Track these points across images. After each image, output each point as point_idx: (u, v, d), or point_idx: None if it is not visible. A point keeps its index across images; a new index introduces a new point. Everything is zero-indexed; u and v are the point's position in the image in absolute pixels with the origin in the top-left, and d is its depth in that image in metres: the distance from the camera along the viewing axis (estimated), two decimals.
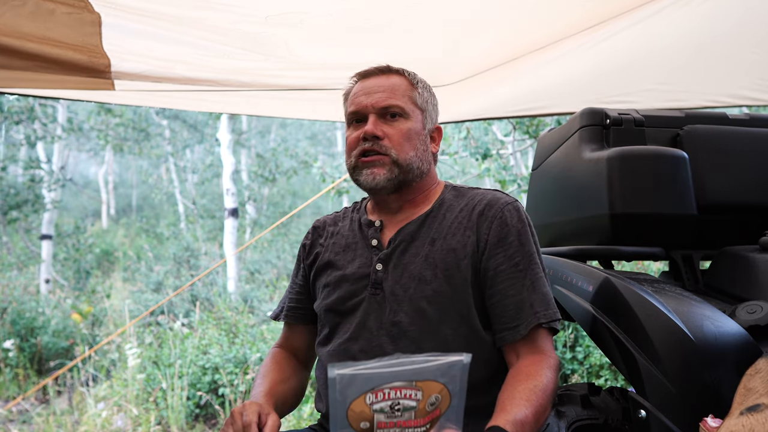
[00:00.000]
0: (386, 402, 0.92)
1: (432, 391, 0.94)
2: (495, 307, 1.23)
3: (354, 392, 0.91)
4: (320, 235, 1.42)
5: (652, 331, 1.19)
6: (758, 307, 1.21)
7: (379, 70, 1.34)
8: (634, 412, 1.22)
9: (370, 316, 1.25)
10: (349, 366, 0.92)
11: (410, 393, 0.93)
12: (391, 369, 0.92)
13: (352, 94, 1.33)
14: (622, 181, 1.41)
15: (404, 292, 1.24)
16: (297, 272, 1.45)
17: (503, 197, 1.30)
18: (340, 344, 1.27)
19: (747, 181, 1.50)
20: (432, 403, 0.95)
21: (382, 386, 0.92)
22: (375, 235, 1.32)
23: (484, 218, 1.26)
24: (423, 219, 1.31)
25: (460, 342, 1.21)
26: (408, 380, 0.93)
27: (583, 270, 1.45)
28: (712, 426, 1.01)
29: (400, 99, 1.30)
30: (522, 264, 1.23)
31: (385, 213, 1.36)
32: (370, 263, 1.29)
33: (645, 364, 1.19)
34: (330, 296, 1.31)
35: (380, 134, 1.27)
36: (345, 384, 0.91)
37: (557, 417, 1.40)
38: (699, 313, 1.19)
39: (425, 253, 1.26)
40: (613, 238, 1.44)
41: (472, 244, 1.25)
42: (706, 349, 1.14)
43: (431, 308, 1.22)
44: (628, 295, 1.27)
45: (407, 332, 1.22)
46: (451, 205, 1.32)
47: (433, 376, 0.94)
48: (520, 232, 1.26)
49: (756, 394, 1.00)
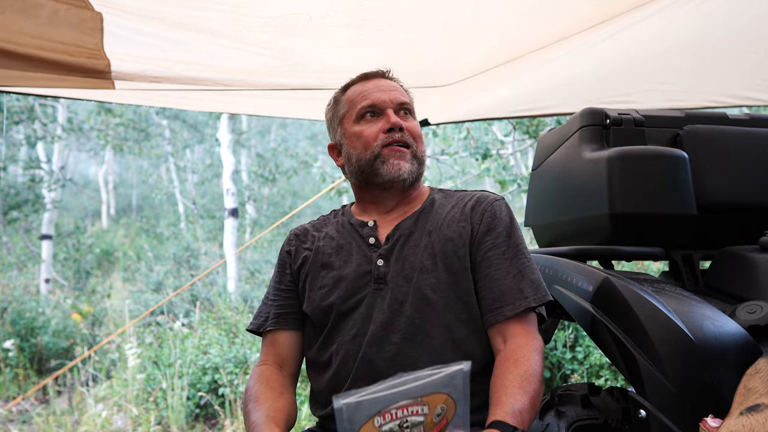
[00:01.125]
0: (395, 422, 0.94)
1: (437, 402, 0.95)
2: (481, 290, 1.26)
3: (361, 418, 0.92)
4: (303, 241, 1.41)
5: (652, 331, 1.19)
6: (758, 307, 1.21)
7: (381, 73, 1.41)
8: (634, 412, 1.22)
9: (374, 310, 1.26)
10: (353, 394, 0.93)
11: (417, 409, 0.94)
12: (395, 390, 0.94)
13: (364, 91, 1.37)
14: (622, 181, 1.41)
15: (407, 282, 1.25)
16: (280, 279, 1.41)
17: (491, 194, 1.37)
18: (347, 341, 1.26)
19: (747, 181, 1.50)
20: (438, 414, 0.96)
21: (388, 408, 0.93)
22: (371, 234, 1.34)
23: (475, 211, 1.32)
24: (418, 215, 1.34)
25: (463, 328, 1.23)
26: (413, 397, 0.94)
27: (583, 270, 1.45)
28: (712, 426, 1.01)
29: (408, 97, 1.39)
30: (508, 253, 1.27)
31: (377, 213, 1.38)
32: (370, 260, 1.30)
33: (645, 364, 1.19)
34: (328, 296, 1.30)
35: (404, 126, 1.33)
36: (352, 412, 0.92)
37: (557, 417, 1.40)
38: (699, 313, 1.19)
39: (424, 244, 1.29)
40: (613, 238, 1.44)
41: (467, 233, 1.29)
42: (706, 349, 1.13)
43: (435, 296, 1.24)
44: (628, 295, 1.27)
45: (413, 320, 1.23)
46: (442, 204, 1.37)
47: (437, 388, 0.95)
48: (508, 226, 1.31)
49: (756, 394, 1.00)
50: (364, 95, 1.36)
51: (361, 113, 1.35)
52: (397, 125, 1.32)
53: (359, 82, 1.39)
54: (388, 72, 1.41)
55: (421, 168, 1.36)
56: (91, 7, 1.61)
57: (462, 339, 1.23)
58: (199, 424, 4.09)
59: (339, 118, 1.40)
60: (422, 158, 1.36)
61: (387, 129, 1.32)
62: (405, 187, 1.35)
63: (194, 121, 13.51)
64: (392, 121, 1.31)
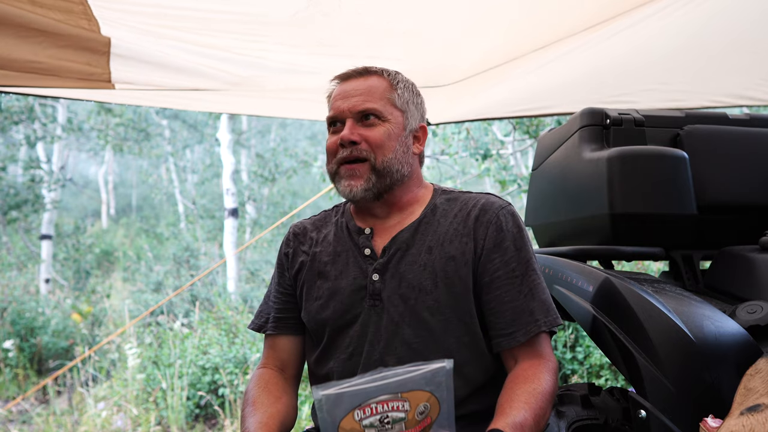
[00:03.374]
0: (375, 416, 0.94)
1: (419, 400, 0.95)
2: (491, 313, 1.21)
3: (342, 411, 0.92)
4: (301, 242, 1.36)
5: (652, 331, 1.19)
6: (758, 307, 1.21)
7: (357, 72, 1.31)
8: (634, 412, 1.22)
9: (369, 329, 1.22)
10: (333, 386, 0.93)
11: (397, 405, 0.94)
12: (375, 384, 0.94)
13: (332, 98, 1.31)
14: (622, 181, 1.41)
15: (404, 303, 1.21)
16: (279, 280, 1.37)
17: (497, 201, 1.29)
18: (343, 360, 1.24)
19: (747, 181, 1.50)
20: (421, 412, 0.96)
21: (368, 401, 0.93)
22: (366, 244, 1.28)
23: (480, 223, 1.24)
24: (416, 225, 1.27)
25: (465, 352, 1.20)
26: (393, 392, 0.94)
27: (583, 270, 1.45)
28: (712, 426, 1.01)
29: (377, 102, 1.26)
30: (518, 270, 1.22)
31: (372, 219, 1.31)
32: (365, 274, 1.25)
33: (645, 364, 1.19)
34: (324, 310, 1.26)
35: (357, 139, 1.24)
36: (332, 404, 0.92)
37: (557, 417, 1.40)
38: (699, 313, 1.19)
39: (423, 262, 1.22)
40: (613, 238, 1.44)
41: (470, 251, 1.22)
42: (706, 349, 1.13)
43: (434, 319, 1.20)
44: (628, 295, 1.26)
45: (411, 344, 1.20)
46: (444, 211, 1.29)
47: (418, 385, 0.95)
48: (516, 238, 1.24)
49: (756, 394, 1.00)
50: (331, 104, 1.30)
51: (328, 122, 1.30)
52: (346, 140, 1.23)
53: (339, 83, 1.32)
54: (367, 69, 1.31)
55: (383, 180, 1.24)
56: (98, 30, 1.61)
57: (463, 363, 1.18)
58: (199, 424, 4.09)
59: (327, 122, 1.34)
60: (385, 169, 1.24)
61: (339, 143, 1.25)
62: (370, 202, 1.27)
63: (194, 121, 13.50)
64: (341, 136, 1.24)
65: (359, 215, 1.33)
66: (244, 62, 2.00)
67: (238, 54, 1.96)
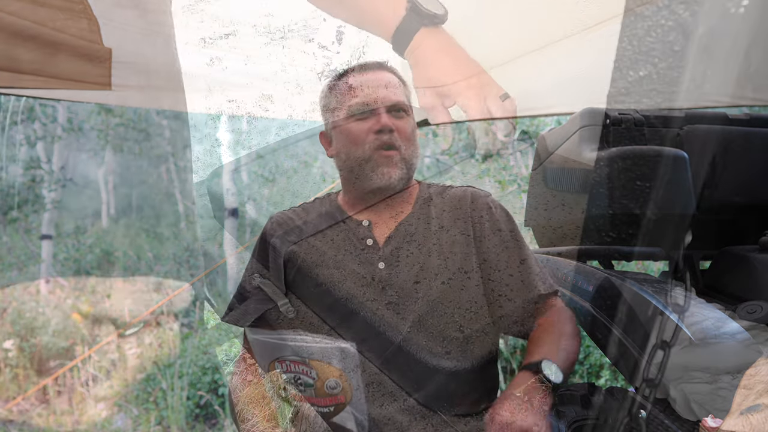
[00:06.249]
0: (290, 374, 0.99)
1: (327, 374, 1.00)
2: (491, 293, 1.27)
3: (267, 357, 1.00)
4: (287, 232, 1.36)
5: (652, 331, 1.19)
6: (758, 307, 1.21)
7: (377, 64, 1.34)
8: (634, 412, 1.22)
9: (376, 316, 1.23)
10: (270, 334, 1.01)
11: (306, 370, 0.99)
12: (287, 342, 1.01)
13: (355, 86, 1.31)
14: (622, 181, 1.41)
15: (414, 289, 1.23)
16: (261, 267, 1.34)
17: (481, 191, 1.39)
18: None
19: (747, 181, 1.50)
20: (332, 387, 1.00)
21: (284, 357, 0.99)
22: (368, 234, 1.29)
23: (474, 208, 1.32)
24: (416, 215, 1.31)
25: (475, 334, 1.23)
26: (299, 356, 0.99)
27: (583, 270, 1.45)
28: (712, 426, 1.01)
29: (402, 96, 1.31)
30: (512, 245, 1.31)
31: (369, 211, 1.32)
32: (369, 262, 1.26)
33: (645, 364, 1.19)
34: (325, 299, 1.26)
35: (394, 128, 1.27)
36: (260, 348, 1.01)
37: (557, 417, 1.40)
38: (699, 313, 1.19)
39: (428, 248, 1.26)
40: (613, 238, 1.44)
41: (469, 233, 1.29)
42: (706, 349, 1.13)
43: (443, 303, 1.23)
44: (628, 295, 1.27)
45: (421, 330, 1.21)
46: (436, 202, 1.35)
47: (323, 357, 1.00)
48: (508, 220, 1.33)
49: (756, 394, 1.00)
50: (357, 90, 1.29)
51: (353, 109, 1.29)
52: (387, 128, 1.25)
53: (356, 72, 1.33)
54: (386, 63, 1.35)
55: (410, 171, 1.30)
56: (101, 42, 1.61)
57: (472, 340, 1.23)
58: (199, 424, 4.09)
59: (332, 108, 1.33)
60: (411, 161, 1.29)
61: (377, 130, 1.25)
62: (397, 191, 1.31)
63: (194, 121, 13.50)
64: (382, 123, 1.25)
65: (353, 207, 1.34)
66: None
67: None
